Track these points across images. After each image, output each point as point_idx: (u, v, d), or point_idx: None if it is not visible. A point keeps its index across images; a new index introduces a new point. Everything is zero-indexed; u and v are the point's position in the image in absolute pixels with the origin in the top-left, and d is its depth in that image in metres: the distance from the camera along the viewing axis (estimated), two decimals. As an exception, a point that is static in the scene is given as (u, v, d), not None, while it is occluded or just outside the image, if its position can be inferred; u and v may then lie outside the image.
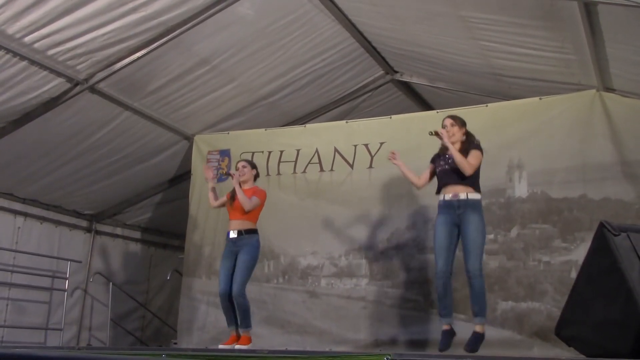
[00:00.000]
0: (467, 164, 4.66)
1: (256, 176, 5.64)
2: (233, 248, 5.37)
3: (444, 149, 4.85)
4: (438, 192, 4.86)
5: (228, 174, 5.50)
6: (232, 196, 5.43)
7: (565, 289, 4.86)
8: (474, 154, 4.72)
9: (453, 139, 4.78)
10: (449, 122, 4.87)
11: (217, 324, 6.53)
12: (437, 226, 4.78)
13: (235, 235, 5.35)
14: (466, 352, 4.48)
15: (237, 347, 5.14)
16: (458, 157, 4.67)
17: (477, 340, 4.51)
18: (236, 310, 5.27)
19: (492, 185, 5.98)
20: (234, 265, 5.35)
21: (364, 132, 6.75)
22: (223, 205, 5.59)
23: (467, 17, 5.23)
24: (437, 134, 4.78)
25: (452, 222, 4.70)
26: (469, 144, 4.80)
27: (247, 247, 5.31)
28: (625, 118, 5.64)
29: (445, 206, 4.75)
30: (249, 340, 5.24)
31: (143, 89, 6.34)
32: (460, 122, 4.87)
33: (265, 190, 5.56)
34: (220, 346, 5.34)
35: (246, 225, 5.36)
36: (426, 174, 5.00)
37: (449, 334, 4.64)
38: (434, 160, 4.97)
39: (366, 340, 6.12)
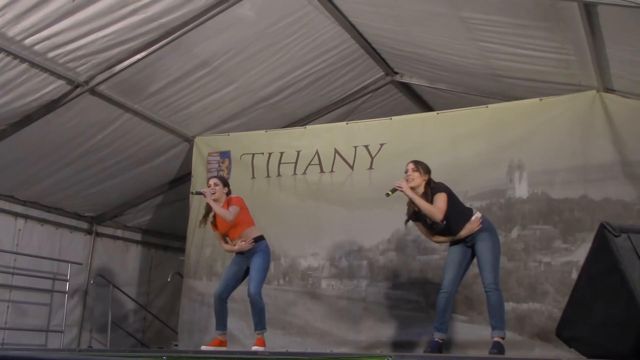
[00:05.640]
0: (435, 210, 4.57)
1: (227, 194, 5.42)
2: (242, 257, 5.32)
3: (415, 206, 4.69)
4: None
5: (200, 193, 5.42)
6: (215, 218, 5.33)
7: (566, 289, 4.85)
8: (439, 197, 4.60)
9: (412, 184, 4.68)
10: (411, 166, 4.75)
11: (218, 325, 6.52)
12: (450, 247, 4.81)
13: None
14: (491, 355, 4.47)
15: (254, 348, 5.10)
16: (424, 206, 4.59)
17: (499, 346, 4.52)
18: (252, 311, 5.20)
19: (493, 186, 5.99)
20: (239, 272, 5.32)
21: (364, 133, 6.74)
22: (224, 239, 5.40)
23: (467, 18, 5.23)
24: (394, 190, 4.69)
25: (464, 245, 4.73)
26: (432, 189, 4.67)
27: (260, 252, 5.26)
28: (625, 118, 5.64)
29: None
30: (264, 343, 5.18)
31: (143, 91, 6.35)
32: (423, 169, 4.73)
33: (240, 195, 5.39)
34: (203, 347, 5.32)
35: (253, 233, 5.29)
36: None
37: (438, 347, 4.63)
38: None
39: (367, 341, 6.12)
